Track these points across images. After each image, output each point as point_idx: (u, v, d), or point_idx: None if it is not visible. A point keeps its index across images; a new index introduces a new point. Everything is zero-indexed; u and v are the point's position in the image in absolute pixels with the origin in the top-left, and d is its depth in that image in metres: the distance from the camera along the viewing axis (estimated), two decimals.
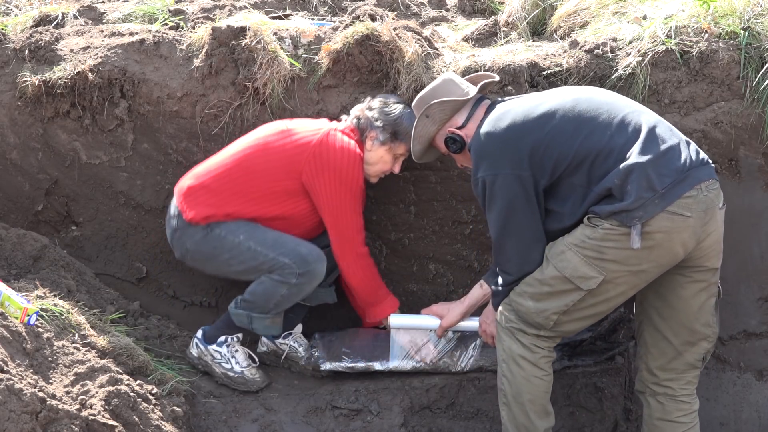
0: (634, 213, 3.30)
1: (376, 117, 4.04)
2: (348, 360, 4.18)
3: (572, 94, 3.55)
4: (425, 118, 3.76)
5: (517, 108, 3.54)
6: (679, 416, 3.65)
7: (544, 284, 3.48)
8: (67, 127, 4.46)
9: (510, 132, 3.48)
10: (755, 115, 4.07)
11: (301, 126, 4.08)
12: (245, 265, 3.96)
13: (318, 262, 3.95)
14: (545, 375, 3.59)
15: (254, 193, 3.99)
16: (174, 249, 4.16)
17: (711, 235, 3.43)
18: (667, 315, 3.57)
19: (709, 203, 3.39)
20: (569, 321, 3.51)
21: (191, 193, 4.04)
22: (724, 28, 4.15)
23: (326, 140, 3.99)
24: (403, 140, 4.03)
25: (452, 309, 4.10)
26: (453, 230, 4.46)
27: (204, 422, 3.95)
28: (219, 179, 4.02)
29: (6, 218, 4.50)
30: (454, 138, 3.71)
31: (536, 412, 3.58)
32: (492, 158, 3.49)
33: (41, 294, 3.70)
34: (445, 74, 3.86)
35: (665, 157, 3.35)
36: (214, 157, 4.13)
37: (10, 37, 4.56)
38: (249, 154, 4.02)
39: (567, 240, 3.45)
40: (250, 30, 4.29)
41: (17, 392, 2.92)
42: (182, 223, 4.04)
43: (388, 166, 4.11)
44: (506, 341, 3.59)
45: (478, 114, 3.69)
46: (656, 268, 3.42)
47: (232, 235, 3.96)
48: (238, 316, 4.05)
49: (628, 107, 3.50)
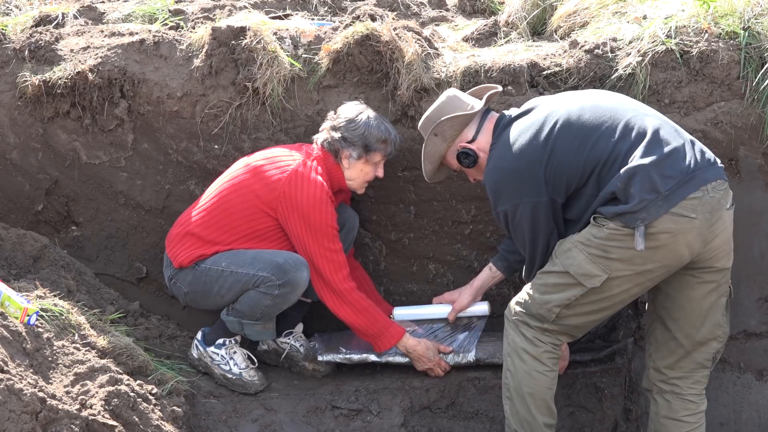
0: (637, 215, 3.31)
1: (344, 136, 4.01)
2: (345, 351, 4.20)
3: (577, 103, 3.56)
4: (434, 137, 3.79)
5: (524, 134, 3.55)
6: (685, 415, 3.65)
7: (550, 277, 3.52)
8: (67, 127, 4.46)
9: (521, 163, 3.52)
10: (755, 115, 4.07)
11: (272, 161, 4.05)
12: (233, 290, 3.98)
13: (296, 270, 3.93)
14: (547, 371, 3.60)
15: (238, 232, 4.03)
16: (176, 296, 4.21)
17: (719, 236, 3.43)
18: (677, 316, 3.58)
19: (715, 204, 3.39)
20: (572, 315, 3.52)
21: (178, 241, 4.10)
22: (724, 28, 4.15)
23: (294, 179, 3.97)
24: (376, 149, 4.02)
25: (463, 292, 4.17)
26: (453, 230, 4.46)
27: (204, 422, 3.95)
28: (201, 224, 4.06)
29: (6, 218, 4.50)
30: (467, 152, 3.75)
31: (537, 406, 3.60)
32: (508, 192, 3.56)
33: (41, 294, 3.70)
34: (447, 91, 3.86)
35: (669, 159, 3.35)
36: (197, 202, 4.16)
37: (10, 37, 4.56)
38: (225, 196, 4.05)
39: (574, 238, 3.48)
40: (250, 30, 4.29)
41: (17, 392, 2.92)
42: (174, 270, 4.11)
43: (370, 175, 4.11)
44: (511, 334, 3.64)
45: (487, 127, 3.73)
46: (661, 268, 3.42)
47: (215, 266, 4.00)
48: (231, 323, 4.07)
49: (632, 111, 3.51)
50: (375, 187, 4.25)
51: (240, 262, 3.97)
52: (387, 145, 4.05)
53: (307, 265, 3.97)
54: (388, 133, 4.04)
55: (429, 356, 4.11)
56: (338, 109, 4.10)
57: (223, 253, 4.02)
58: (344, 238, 4.22)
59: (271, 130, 4.34)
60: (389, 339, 4.10)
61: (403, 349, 4.11)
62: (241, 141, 4.37)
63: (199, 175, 4.45)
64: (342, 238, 4.19)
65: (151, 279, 4.61)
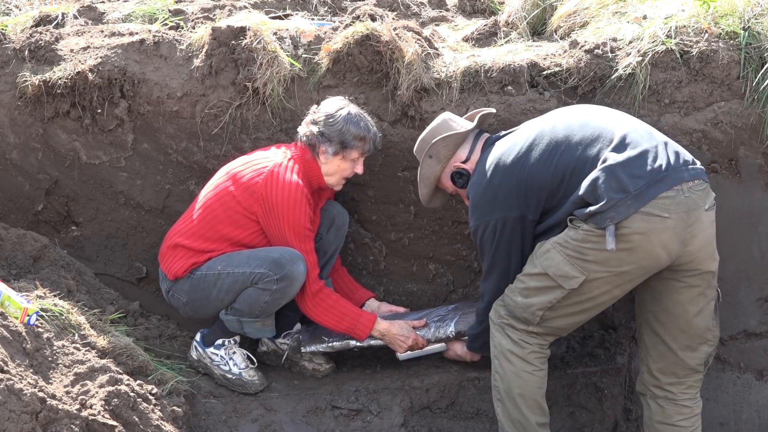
0: (606, 214, 3.33)
1: (321, 131, 4.00)
2: (327, 340, 4.20)
3: (554, 119, 3.63)
4: (429, 159, 3.84)
5: (503, 151, 3.63)
6: (679, 420, 3.65)
7: (531, 280, 3.54)
8: (67, 127, 4.46)
9: (494, 179, 3.60)
10: (755, 115, 4.07)
11: (249, 164, 4.05)
12: (232, 291, 3.98)
13: (292, 264, 3.93)
14: (536, 370, 3.62)
15: (227, 239, 4.04)
16: (176, 309, 4.21)
17: (697, 237, 3.43)
18: (664, 320, 3.58)
19: (691, 204, 3.38)
20: (556, 317, 3.54)
21: (170, 254, 4.11)
22: (724, 28, 4.15)
23: (270, 180, 3.97)
24: (353, 146, 4.00)
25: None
26: (453, 230, 4.46)
27: (204, 422, 3.96)
28: (190, 235, 4.07)
29: (6, 218, 4.50)
30: (461, 172, 3.81)
31: (528, 406, 3.62)
32: (482, 208, 3.63)
33: (41, 294, 3.70)
34: (441, 114, 3.93)
35: (638, 160, 3.37)
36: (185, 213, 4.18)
37: (10, 37, 4.56)
38: (209, 206, 4.06)
39: (553, 239, 3.50)
40: (250, 30, 4.29)
41: (17, 392, 2.92)
42: (170, 283, 4.12)
43: (347, 171, 4.09)
44: (497, 337, 3.66)
45: (479, 147, 3.80)
46: (639, 269, 3.42)
47: (211, 270, 4.01)
48: (229, 321, 4.08)
49: (607, 121, 3.54)
50: (375, 187, 4.25)
51: (235, 262, 3.98)
52: (365, 143, 4.02)
53: (303, 258, 3.96)
54: (366, 131, 4.01)
55: (405, 334, 4.11)
56: (321, 103, 4.10)
57: (216, 257, 4.02)
58: (334, 235, 4.23)
59: (271, 130, 4.34)
60: (362, 329, 4.09)
61: (378, 335, 4.11)
62: (241, 141, 4.37)
63: (199, 175, 4.45)
64: (332, 235, 4.20)
65: (151, 279, 4.61)
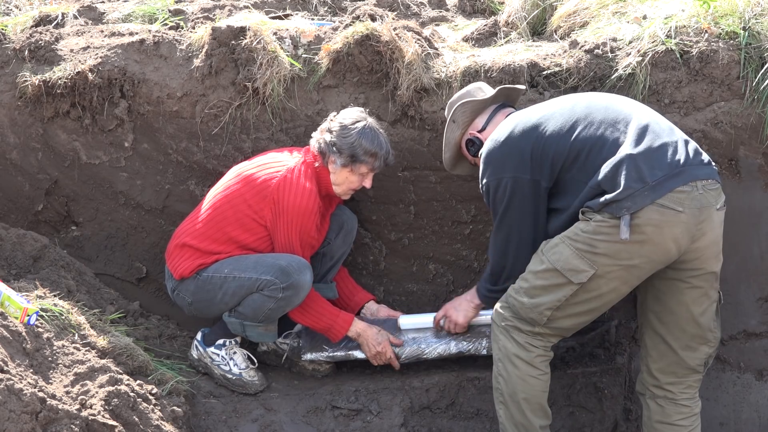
0: (622, 203, 3.32)
1: (333, 142, 3.99)
2: (329, 350, 4.19)
3: (573, 99, 3.64)
4: (452, 123, 3.87)
5: (521, 116, 3.63)
6: (678, 419, 3.65)
7: (538, 278, 3.52)
8: (67, 127, 4.46)
9: (511, 138, 3.57)
10: (755, 115, 4.07)
11: (262, 167, 4.05)
12: (237, 295, 3.98)
13: (299, 273, 3.92)
14: (541, 374, 3.60)
15: (235, 243, 4.04)
16: (181, 308, 4.20)
17: (706, 235, 3.43)
18: (666, 320, 3.58)
19: (704, 202, 3.39)
20: (563, 317, 3.52)
21: (177, 253, 4.10)
22: (724, 28, 4.15)
23: (283, 186, 3.96)
24: (363, 161, 3.98)
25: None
26: (453, 230, 4.46)
27: (204, 422, 3.96)
28: (198, 236, 4.06)
29: (6, 218, 4.50)
30: (473, 140, 3.83)
31: (533, 410, 3.60)
32: (495, 164, 3.59)
33: (41, 294, 3.70)
34: (475, 83, 3.95)
35: (658, 152, 3.38)
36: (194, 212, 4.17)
37: (10, 37, 4.56)
38: (219, 207, 4.05)
39: (562, 234, 3.49)
40: (250, 30, 4.29)
41: (17, 392, 2.92)
42: (176, 282, 4.11)
43: (355, 184, 4.07)
44: (502, 340, 3.62)
45: (497, 119, 3.79)
46: (648, 263, 3.42)
47: (218, 273, 4.00)
48: (232, 324, 4.08)
49: (628, 108, 3.55)
50: (375, 187, 4.25)
51: (242, 267, 3.97)
52: (375, 159, 4.00)
53: (310, 267, 3.97)
54: (379, 147, 3.99)
55: (378, 340, 4.10)
56: (340, 112, 4.08)
57: (224, 260, 4.02)
58: (342, 240, 4.23)
59: (271, 130, 4.34)
60: (339, 329, 4.09)
61: (354, 334, 4.10)
62: (241, 141, 4.37)
63: (199, 175, 4.45)
64: (340, 240, 4.20)
65: (151, 279, 4.61)
